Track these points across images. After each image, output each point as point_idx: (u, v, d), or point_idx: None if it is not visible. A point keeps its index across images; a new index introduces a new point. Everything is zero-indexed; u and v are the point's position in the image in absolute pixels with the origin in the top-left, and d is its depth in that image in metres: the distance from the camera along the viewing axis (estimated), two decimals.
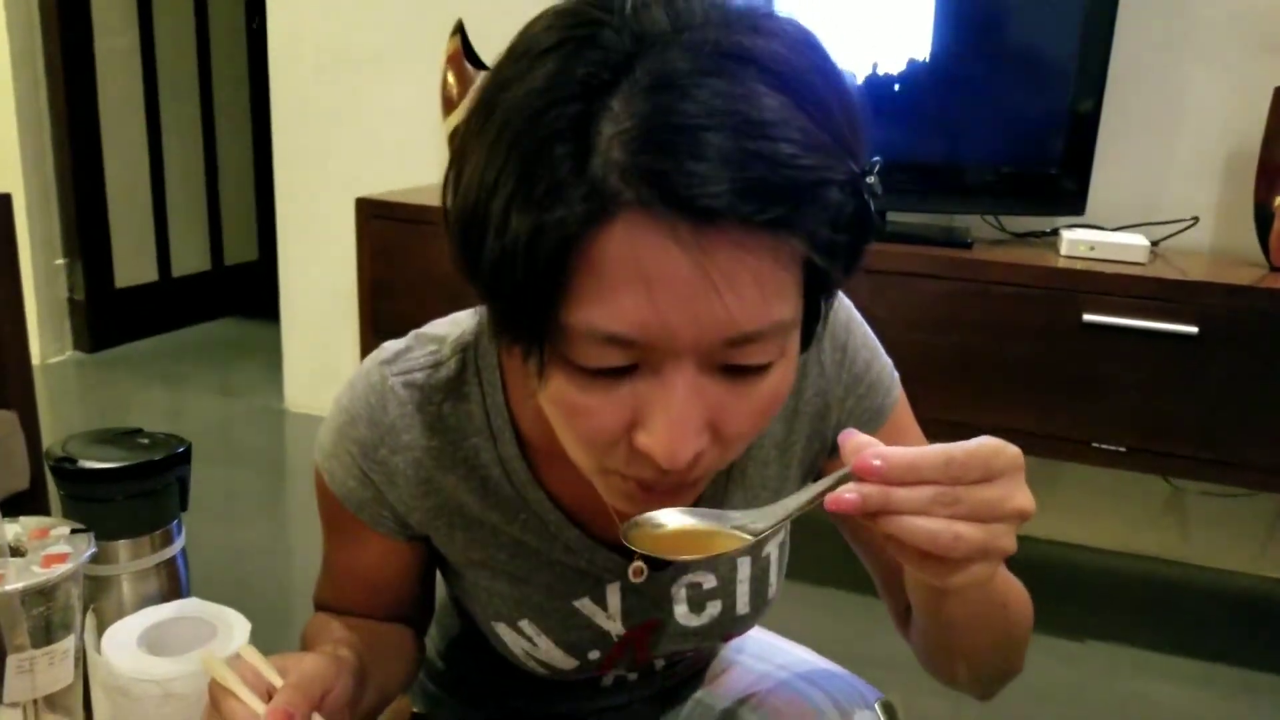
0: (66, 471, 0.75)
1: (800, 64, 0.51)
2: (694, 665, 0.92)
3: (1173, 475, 2.22)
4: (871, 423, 0.77)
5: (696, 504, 0.63)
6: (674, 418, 0.52)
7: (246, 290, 4.17)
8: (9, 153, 3.27)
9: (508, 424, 0.70)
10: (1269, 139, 1.96)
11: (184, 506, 0.81)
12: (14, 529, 0.70)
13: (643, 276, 0.49)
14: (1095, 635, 2.07)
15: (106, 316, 3.61)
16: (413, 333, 0.74)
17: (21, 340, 1.73)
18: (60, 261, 3.48)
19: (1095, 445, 1.93)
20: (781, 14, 0.54)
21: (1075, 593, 2.26)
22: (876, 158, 0.54)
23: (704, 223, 0.47)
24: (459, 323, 0.74)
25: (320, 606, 0.83)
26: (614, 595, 0.76)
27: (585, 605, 0.76)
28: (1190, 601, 2.25)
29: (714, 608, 0.79)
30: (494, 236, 0.50)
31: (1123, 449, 1.92)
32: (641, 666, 0.84)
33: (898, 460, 0.51)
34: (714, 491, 0.74)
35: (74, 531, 0.69)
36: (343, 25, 2.81)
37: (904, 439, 0.78)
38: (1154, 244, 2.09)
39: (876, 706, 0.81)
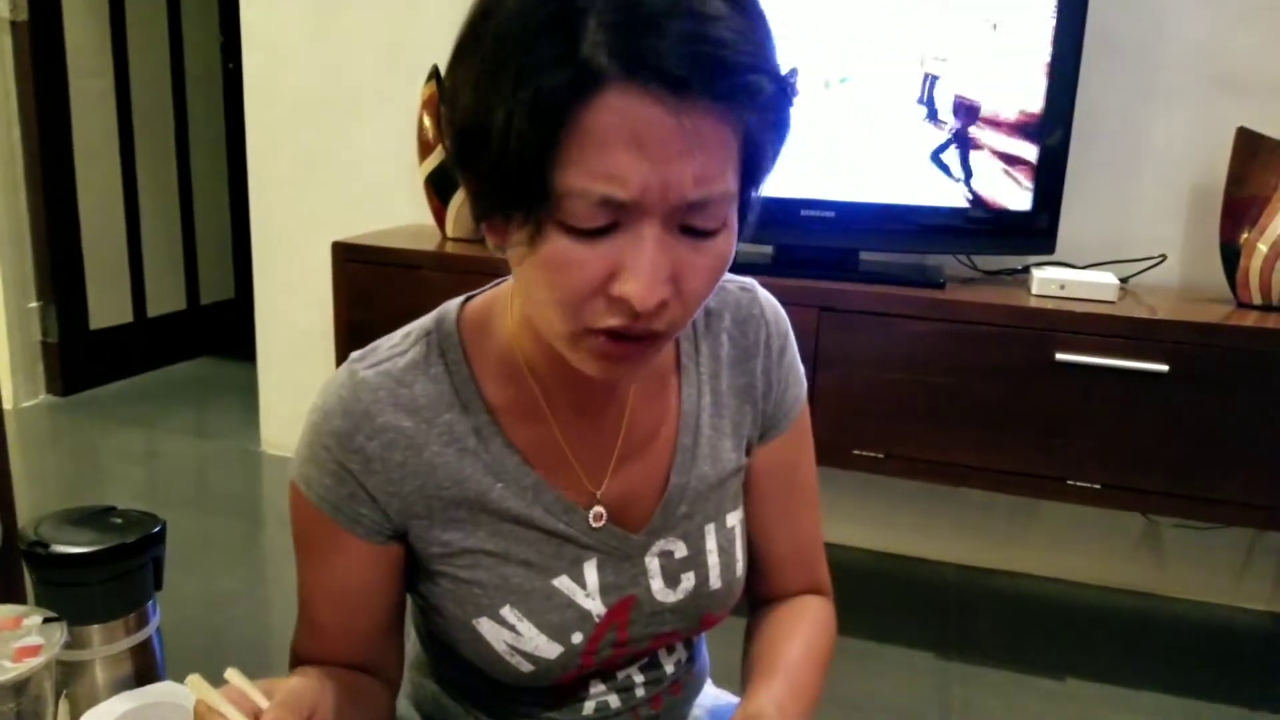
0: (39, 557, 0.74)
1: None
2: (673, 698, 0.93)
3: (1147, 511, 2.24)
4: (793, 410, 0.89)
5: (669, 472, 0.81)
6: (647, 266, 0.61)
7: (222, 329, 4.15)
8: None
9: (476, 394, 0.77)
10: (1233, 177, 2.00)
11: (158, 586, 0.80)
12: None
13: (634, 136, 0.58)
14: (1075, 672, 2.08)
15: (80, 359, 3.58)
16: (376, 340, 0.81)
17: None
18: (33, 304, 3.45)
19: (1070, 483, 1.95)
20: None
21: (1054, 628, 2.27)
22: (795, 68, 0.66)
23: (679, 91, 0.58)
24: (415, 323, 0.81)
25: (297, 659, 0.83)
26: (591, 571, 0.80)
27: (564, 584, 0.79)
28: (1168, 634, 2.26)
29: (688, 580, 0.83)
30: (502, 117, 0.59)
31: (1097, 486, 1.93)
32: (622, 682, 0.86)
33: None
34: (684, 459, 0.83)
35: (46, 621, 0.69)
36: (319, 69, 2.82)
37: (807, 430, 0.91)
38: (1123, 281, 2.11)
39: None
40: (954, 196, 2.04)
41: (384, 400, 0.75)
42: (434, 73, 2.41)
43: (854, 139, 2.06)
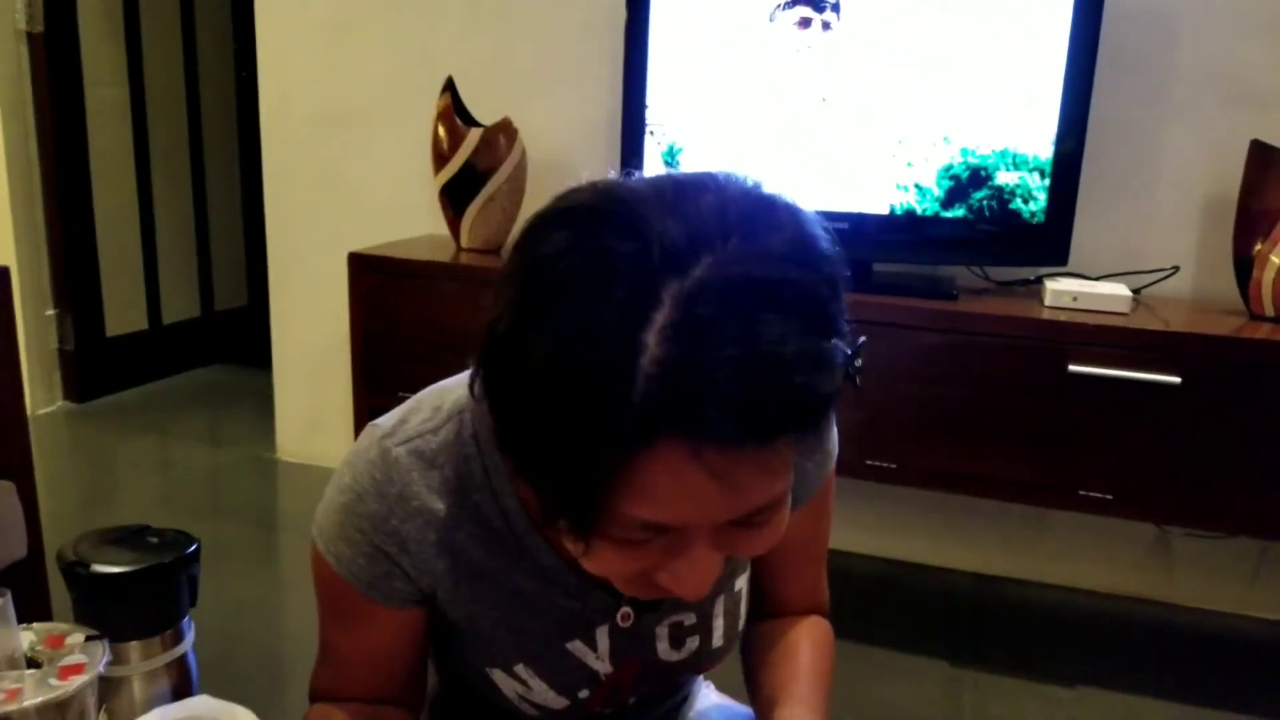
0: (79, 577, 0.76)
1: (796, 271, 0.57)
2: (665, 703, 0.96)
3: (1158, 522, 2.24)
4: (818, 483, 0.87)
5: None
6: (696, 571, 0.61)
7: (236, 336, 4.18)
8: None
9: (506, 480, 0.75)
10: (1246, 189, 2.01)
11: (193, 603, 0.82)
12: (29, 637, 0.71)
13: (678, 490, 0.56)
14: (1085, 680, 2.08)
15: (97, 366, 3.61)
16: (400, 407, 0.78)
17: (18, 407, 1.74)
18: (51, 312, 3.48)
19: (1082, 493, 1.96)
20: (777, 199, 0.61)
21: (1065, 636, 2.27)
22: (862, 339, 0.61)
23: (728, 449, 0.54)
24: (447, 390, 0.78)
25: (317, 695, 0.84)
26: (603, 638, 0.81)
27: (576, 647, 0.81)
28: (1178, 643, 2.27)
29: (693, 642, 0.85)
30: (554, 454, 0.56)
31: (1109, 497, 1.94)
32: (617, 706, 0.88)
33: None
34: None
35: (89, 639, 0.71)
36: (333, 79, 2.84)
37: (830, 493, 0.89)
38: (1136, 292, 2.12)
39: None
40: (967, 208, 2.05)
41: (417, 482, 0.74)
42: (448, 84, 2.43)
43: (866, 151, 2.08)
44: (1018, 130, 2.01)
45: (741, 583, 0.87)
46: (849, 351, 0.59)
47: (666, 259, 0.54)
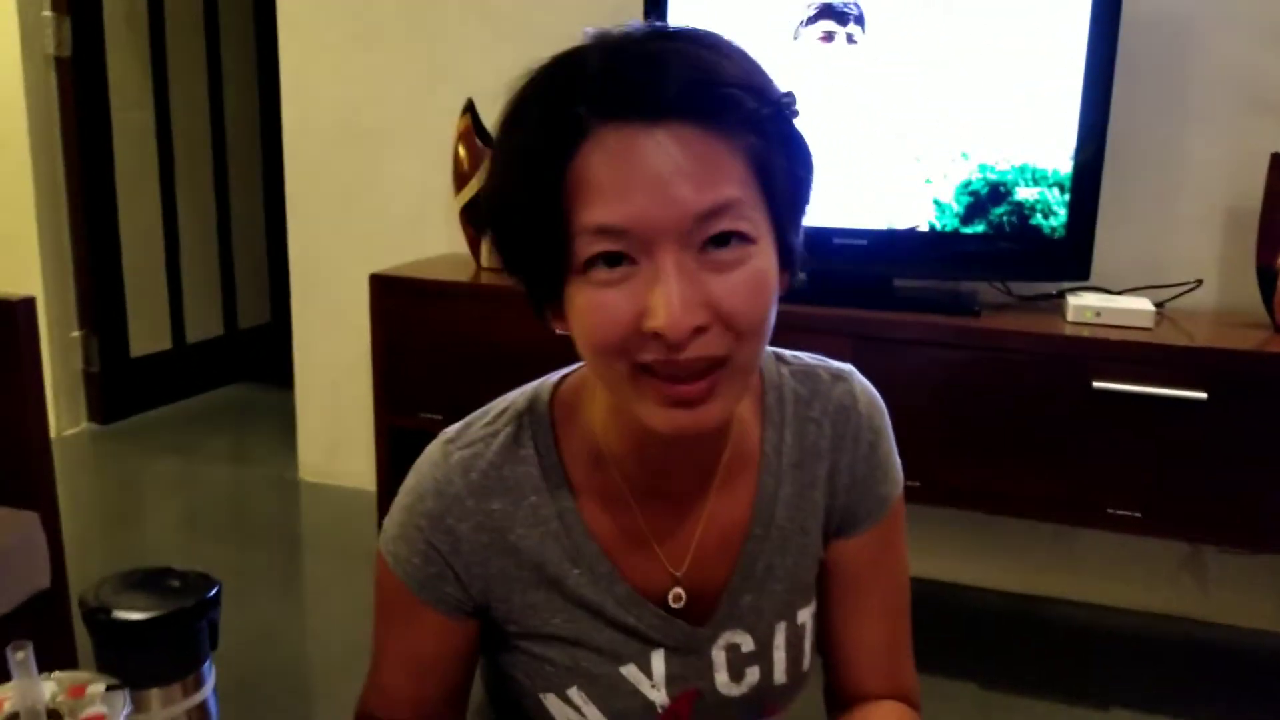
0: (100, 624, 0.76)
1: (719, 43, 0.68)
2: None
3: (1189, 539, 2.21)
4: (877, 509, 0.86)
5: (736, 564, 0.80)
6: (668, 293, 0.63)
7: (259, 354, 4.20)
8: (26, 227, 3.32)
9: (562, 479, 0.79)
10: (1268, 201, 1.98)
11: (214, 646, 0.82)
12: (50, 687, 0.72)
13: (617, 174, 0.63)
14: (1118, 701, 2.05)
15: (121, 387, 3.64)
16: (470, 415, 0.83)
17: (43, 436, 1.75)
18: (76, 334, 3.51)
19: (1110, 511, 1.94)
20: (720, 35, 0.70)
21: (1096, 656, 2.24)
22: (791, 91, 0.69)
23: (652, 124, 0.63)
24: (511, 398, 0.83)
25: (362, 717, 0.85)
26: (658, 662, 0.81)
27: (631, 672, 0.80)
28: (1213, 661, 2.23)
29: (753, 675, 0.83)
30: (511, 182, 0.67)
31: (1138, 514, 1.92)
32: None
33: None
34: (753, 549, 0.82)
35: (110, 689, 0.71)
36: (355, 100, 2.86)
37: (897, 530, 0.90)
38: (1159, 305, 2.10)
39: None
40: (987, 224, 2.04)
41: (476, 482, 0.78)
42: (469, 105, 2.44)
43: (885, 167, 2.06)
44: (1036, 145, 1.99)
45: (805, 616, 0.85)
46: (779, 95, 0.67)
47: (585, 66, 0.66)
